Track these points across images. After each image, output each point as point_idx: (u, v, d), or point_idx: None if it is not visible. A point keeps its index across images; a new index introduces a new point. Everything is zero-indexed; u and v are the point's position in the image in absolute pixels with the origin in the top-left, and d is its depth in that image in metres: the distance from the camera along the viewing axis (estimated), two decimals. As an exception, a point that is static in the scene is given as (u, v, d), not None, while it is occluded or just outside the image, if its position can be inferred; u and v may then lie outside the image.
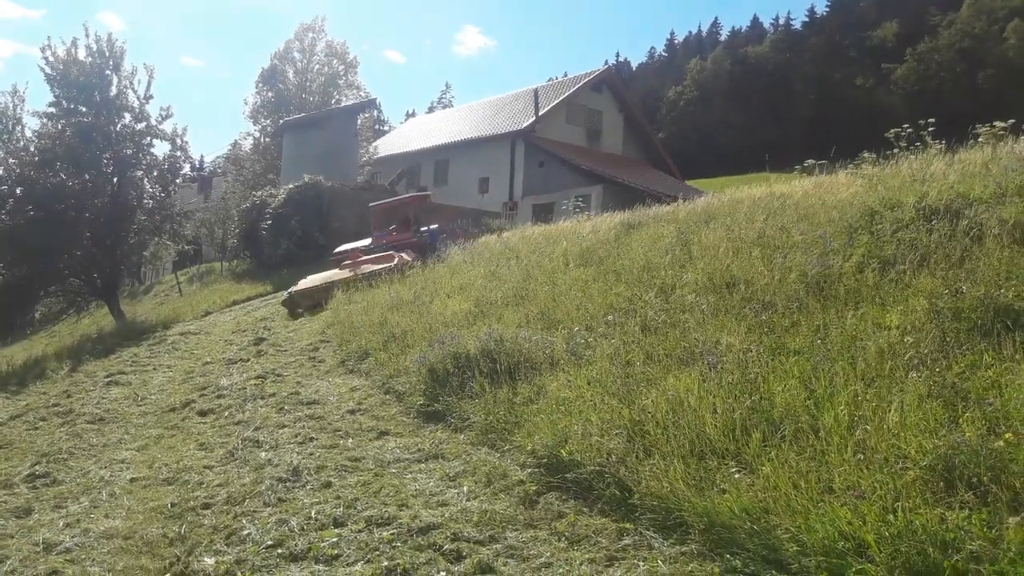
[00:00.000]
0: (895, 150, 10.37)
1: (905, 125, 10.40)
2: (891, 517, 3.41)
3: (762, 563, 3.63)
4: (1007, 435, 3.71)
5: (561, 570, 4.00)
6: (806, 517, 3.60)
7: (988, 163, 8.57)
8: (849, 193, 9.59)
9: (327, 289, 15.05)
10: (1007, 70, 64.06)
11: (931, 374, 4.61)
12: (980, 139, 9.71)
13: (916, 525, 3.31)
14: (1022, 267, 5.78)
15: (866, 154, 10.96)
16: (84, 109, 21.01)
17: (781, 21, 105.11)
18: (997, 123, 9.64)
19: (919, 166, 9.45)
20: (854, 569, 3.29)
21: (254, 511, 5.41)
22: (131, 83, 21.66)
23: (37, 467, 7.30)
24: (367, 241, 19.97)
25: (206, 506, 5.74)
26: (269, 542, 4.79)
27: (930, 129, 10.06)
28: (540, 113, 34.36)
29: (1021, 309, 5.17)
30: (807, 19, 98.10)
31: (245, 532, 5.02)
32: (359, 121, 36.26)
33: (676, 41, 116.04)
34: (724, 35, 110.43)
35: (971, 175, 8.28)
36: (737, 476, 4.17)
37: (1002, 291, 5.40)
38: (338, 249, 20.08)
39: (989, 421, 3.94)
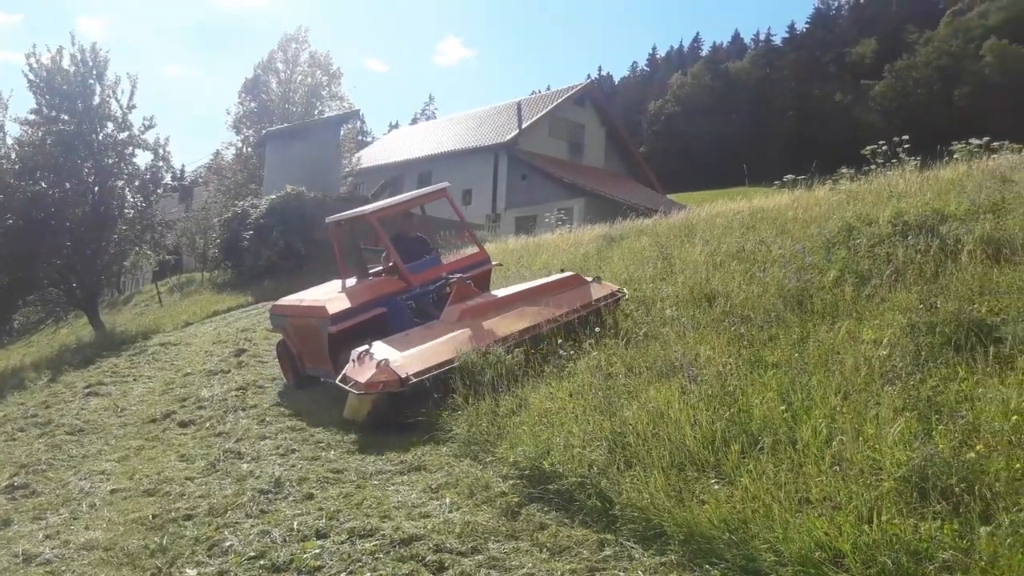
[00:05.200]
0: (872, 166, 10.55)
1: (881, 142, 10.58)
2: (867, 527, 3.47)
3: (741, 573, 3.68)
4: (979, 447, 3.79)
5: (543, 580, 4.04)
6: (784, 528, 3.66)
7: (963, 180, 8.74)
8: (827, 208, 9.73)
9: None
10: (983, 88, 64.97)
11: (906, 387, 4.69)
12: (955, 156, 9.89)
13: (891, 535, 3.38)
14: (995, 283, 5.91)
15: (844, 170, 11.14)
16: (66, 118, 20.82)
17: (762, 37, 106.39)
18: (972, 140, 9.83)
19: (895, 182, 9.62)
20: (830, 579, 3.35)
21: (236, 522, 5.41)
22: (114, 92, 21.51)
23: (16, 478, 7.24)
24: (328, 286, 11.04)
25: (188, 517, 5.72)
26: (251, 553, 4.78)
27: (906, 146, 10.23)
28: (523, 126, 34.54)
29: (994, 324, 5.28)
30: (787, 35, 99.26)
31: (227, 543, 5.02)
32: (342, 132, 36.18)
33: (658, 56, 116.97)
34: (705, 50, 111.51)
35: (946, 191, 8.45)
36: (716, 487, 4.23)
37: (975, 306, 5.52)
38: (290, 301, 11.24)
39: (962, 433, 4.02)
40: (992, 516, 3.40)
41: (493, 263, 10.94)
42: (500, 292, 9.31)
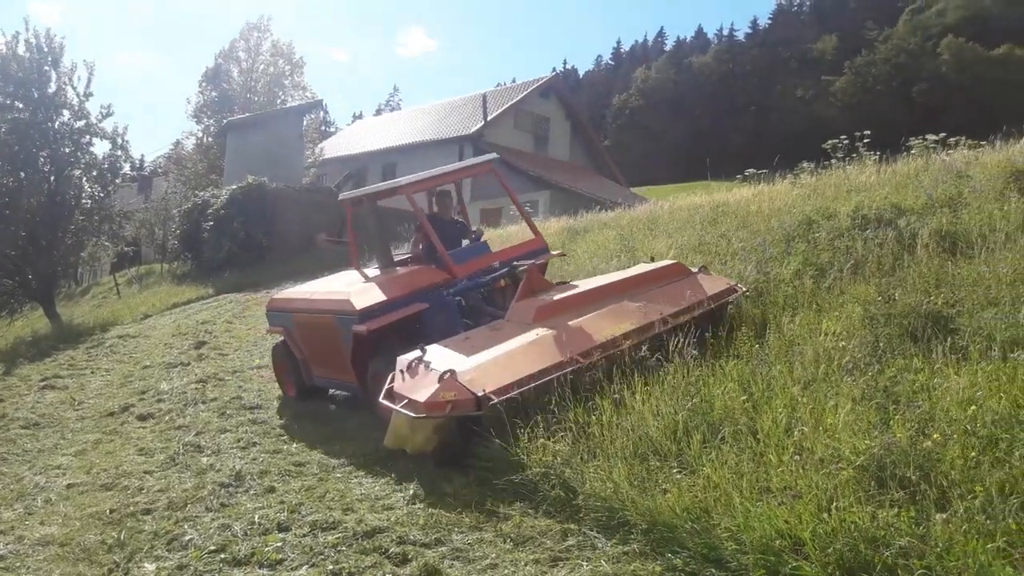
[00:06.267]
0: (832, 160, 10.70)
1: (842, 136, 10.74)
2: (826, 516, 3.52)
3: (702, 561, 3.71)
4: (935, 435, 3.87)
5: (507, 571, 4.04)
6: (745, 516, 3.70)
7: (920, 174, 8.89)
8: (788, 202, 9.84)
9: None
10: (940, 85, 66.10)
11: (865, 378, 4.77)
12: (913, 151, 10.06)
13: (849, 523, 3.42)
14: (950, 275, 6.03)
15: (805, 164, 11.28)
16: (21, 105, 20.45)
17: (725, 32, 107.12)
18: (929, 136, 10.01)
19: (855, 176, 9.76)
20: (790, 566, 3.39)
21: (196, 516, 5.35)
22: (70, 80, 21.12)
23: (-32, 473, 7.09)
24: (345, 277, 9.38)
25: (146, 512, 5.64)
26: (212, 547, 4.73)
27: (866, 141, 10.40)
28: (488, 118, 34.43)
29: (950, 316, 5.40)
30: (750, 30, 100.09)
31: (187, 538, 4.95)
32: (305, 122, 35.83)
33: (623, 50, 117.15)
34: (669, 45, 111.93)
35: (903, 186, 8.59)
36: (679, 477, 4.26)
37: (931, 298, 5.64)
38: (296, 294, 9.70)
39: (918, 422, 4.10)
40: (948, 503, 3.47)
41: (553, 252, 9.07)
42: (580, 285, 7.52)
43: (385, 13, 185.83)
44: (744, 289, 7.07)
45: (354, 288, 8.18)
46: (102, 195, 22.47)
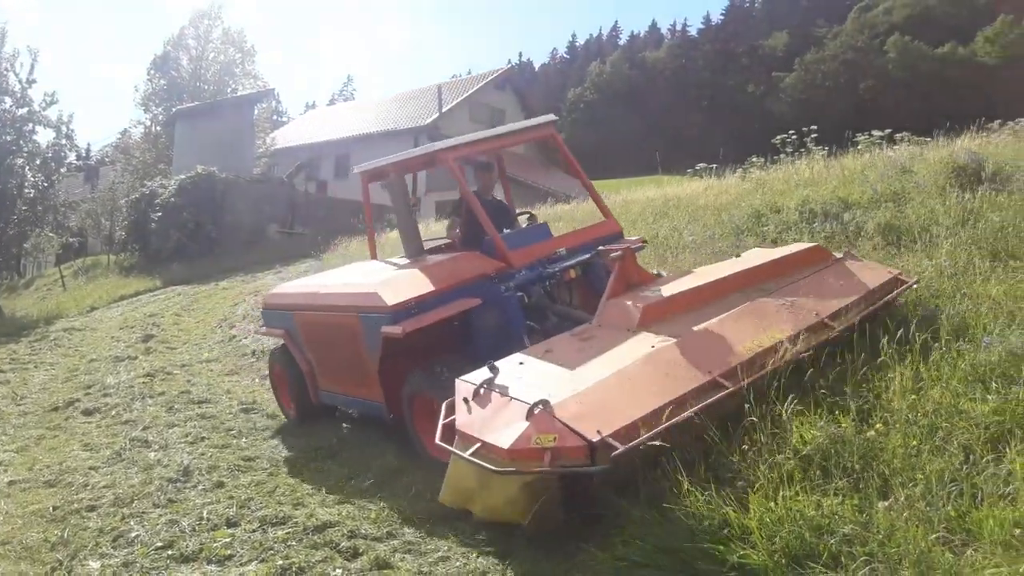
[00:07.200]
0: (781, 155, 10.88)
1: (791, 131, 10.92)
2: (772, 505, 3.58)
3: (654, 551, 3.74)
4: (877, 426, 3.96)
5: (458, 563, 4.04)
6: (696, 506, 3.74)
7: (865, 169, 9.08)
8: (737, 196, 9.98)
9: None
10: (886, 81, 67.49)
11: (811, 368, 4.84)
12: (859, 147, 10.28)
13: (795, 511, 3.49)
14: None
15: (754, 158, 11.45)
16: (-41, 93, 19.99)
17: (678, 27, 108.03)
18: (875, 132, 10.24)
19: (803, 171, 9.93)
20: (737, 555, 3.44)
21: (143, 512, 5.26)
22: (12, 66, 20.68)
23: (-97, 471, 6.87)
24: (365, 267, 7.71)
25: (91, 508, 5.52)
26: (159, 544, 4.65)
27: (814, 136, 10.59)
28: (443, 110, 34.35)
29: (894, 307, 5.51)
30: (703, 26, 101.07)
31: (133, 534, 4.87)
32: (256, 111, 35.31)
33: (577, 44, 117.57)
34: (624, 39, 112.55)
35: (850, 180, 8.76)
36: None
37: (876, 291, 5.73)
38: (301, 288, 7.83)
39: (862, 413, 4.18)
40: (889, 491, 3.55)
41: (632, 239, 6.84)
42: (690, 275, 5.73)
43: (339, 2, 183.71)
44: (915, 280, 5.59)
45: (381, 279, 6.40)
46: (46, 185, 22.04)
